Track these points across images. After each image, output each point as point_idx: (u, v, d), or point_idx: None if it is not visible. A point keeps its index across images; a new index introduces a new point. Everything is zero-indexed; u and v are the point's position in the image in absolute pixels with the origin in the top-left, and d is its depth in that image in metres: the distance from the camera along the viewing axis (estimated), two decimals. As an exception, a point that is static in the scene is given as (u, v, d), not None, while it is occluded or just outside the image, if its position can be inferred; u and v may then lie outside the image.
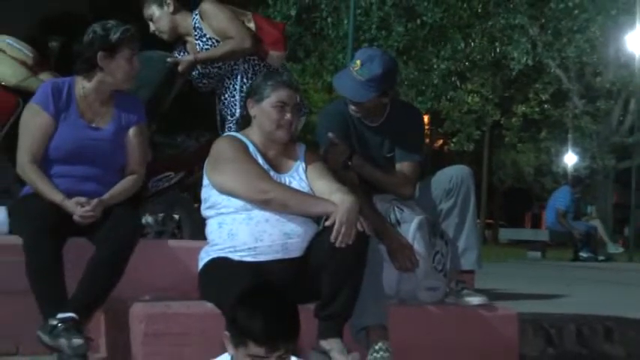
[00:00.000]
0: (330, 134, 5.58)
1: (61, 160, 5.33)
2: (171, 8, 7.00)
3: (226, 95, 6.88)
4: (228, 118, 6.96)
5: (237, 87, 6.74)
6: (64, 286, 4.89)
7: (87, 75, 5.43)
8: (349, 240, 4.71)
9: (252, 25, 7.02)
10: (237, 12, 7.10)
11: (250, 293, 3.81)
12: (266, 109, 5.14)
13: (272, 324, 3.60)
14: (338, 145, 5.58)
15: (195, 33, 6.96)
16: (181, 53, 7.13)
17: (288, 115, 5.11)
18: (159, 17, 7.01)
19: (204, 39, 6.95)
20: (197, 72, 6.94)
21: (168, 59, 6.78)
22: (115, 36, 5.36)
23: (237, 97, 6.79)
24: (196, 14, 6.92)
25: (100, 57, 5.34)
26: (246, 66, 6.78)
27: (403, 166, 5.82)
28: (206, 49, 6.94)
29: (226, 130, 6.68)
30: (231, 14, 6.92)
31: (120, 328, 5.14)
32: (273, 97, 5.12)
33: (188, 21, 6.98)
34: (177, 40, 7.16)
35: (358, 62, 5.64)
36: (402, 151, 5.82)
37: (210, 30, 6.88)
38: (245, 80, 6.69)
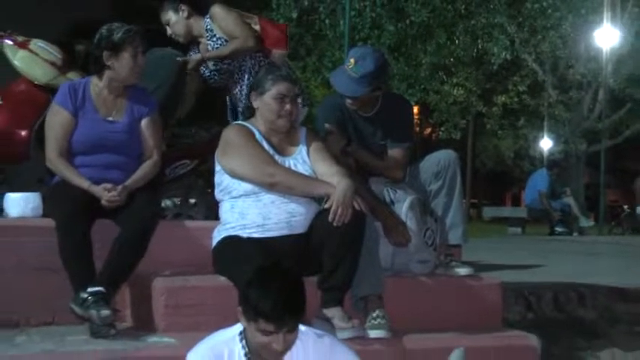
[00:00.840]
0: (326, 125, 5.59)
1: (84, 151, 5.34)
2: (186, 14, 7.00)
3: (236, 89, 6.88)
4: (239, 110, 6.96)
5: (245, 82, 6.72)
6: (92, 263, 4.90)
7: (99, 74, 5.45)
8: (345, 219, 4.71)
9: (257, 27, 7.00)
10: (243, 15, 7.10)
11: (261, 274, 3.81)
12: (267, 101, 5.15)
13: (281, 304, 3.64)
14: (334, 133, 5.59)
15: (207, 34, 6.95)
16: (194, 53, 7.13)
17: (287, 106, 5.12)
18: (175, 22, 7.01)
19: (215, 39, 6.93)
20: (208, 70, 6.93)
21: (178, 58, 6.77)
22: (117, 36, 5.38)
23: (245, 91, 6.78)
24: (208, 17, 6.92)
25: (105, 56, 5.37)
26: (252, 62, 6.75)
27: (394, 152, 5.80)
28: (216, 48, 6.94)
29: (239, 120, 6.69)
30: (238, 16, 6.91)
31: (143, 300, 5.16)
32: (273, 90, 5.13)
33: (200, 24, 6.97)
34: (192, 42, 7.15)
35: (352, 60, 5.63)
36: (393, 138, 5.80)
37: (220, 30, 6.87)
38: (252, 75, 6.67)
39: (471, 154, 34.53)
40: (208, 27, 6.94)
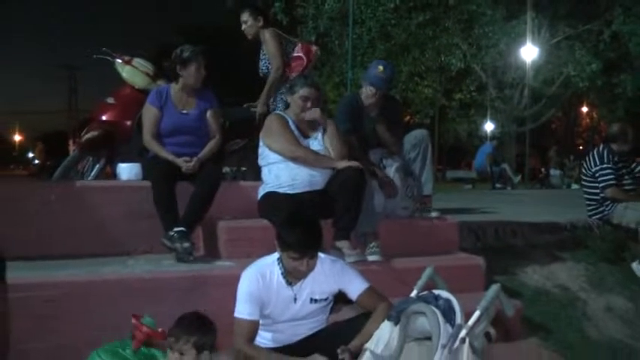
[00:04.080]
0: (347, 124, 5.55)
1: (168, 134, 5.33)
2: (260, 23, 6.82)
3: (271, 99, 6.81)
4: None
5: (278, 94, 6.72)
6: (177, 211, 4.90)
7: (176, 80, 5.43)
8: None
9: (297, 48, 6.82)
10: (287, 40, 6.91)
11: (290, 218, 3.89)
12: (296, 100, 5.10)
13: (303, 239, 3.71)
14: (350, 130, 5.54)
15: (263, 48, 6.85)
16: (263, 57, 6.94)
17: (309, 104, 5.06)
18: (250, 25, 6.83)
19: (263, 55, 6.85)
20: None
21: (252, 109, 6.70)
22: (185, 54, 5.37)
23: (277, 99, 6.76)
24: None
25: (178, 68, 5.38)
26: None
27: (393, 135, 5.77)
28: (264, 64, 6.84)
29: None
30: (278, 46, 6.70)
31: (211, 236, 5.16)
32: (301, 92, 5.08)
33: (265, 35, 6.77)
34: (256, 42, 6.94)
35: (381, 67, 5.68)
36: (391, 128, 5.73)
37: (267, 51, 6.76)
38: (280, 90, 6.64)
39: (437, 134, 34.37)
40: (263, 44, 6.84)
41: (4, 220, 3.35)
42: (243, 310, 3.76)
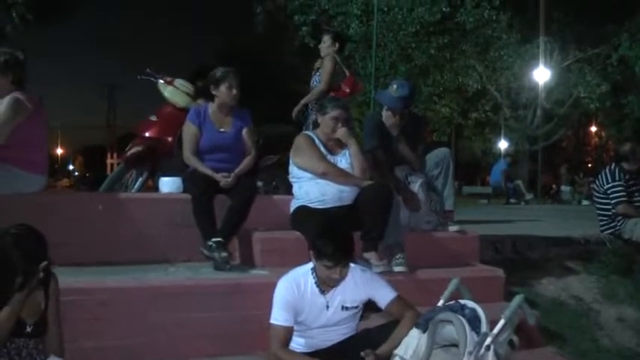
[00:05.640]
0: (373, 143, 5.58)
1: (207, 151, 5.32)
2: (335, 48, 7.32)
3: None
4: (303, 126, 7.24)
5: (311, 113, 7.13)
6: (215, 222, 4.91)
7: (212, 100, 5.46)
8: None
9: (346, 79, 7.38)
10: (342, 69, 7.42)
11: (325, 230, 3.90)
12: (327, 120, 5.11)
13: (337, 249, 3.72)
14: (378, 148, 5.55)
15: (319, 64, 7.38)
16: (317, 74, 7.43)
17: (339, 125, 5.07)
18: (327, 46, 7.38)
19: (318, 71, 7.40)
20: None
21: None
22: (217, 74, 5.38)
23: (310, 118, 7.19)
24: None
25: (211, 88, 5.40)
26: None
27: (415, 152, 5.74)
28: (317, 77, 7.38)
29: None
30: (332, 72, 7.19)
31: (247, 246, 5.16)
32: (331, 113, 5.09)
33: (327, 58, 7.29)
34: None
35: (395, 86, 5.60)
36: (412, 145, 5.72)
37: (322, 70, 7.25)
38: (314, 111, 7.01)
39: (454, 151, 34.29)
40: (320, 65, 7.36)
41: (56, 228, 3.40)
42: (278, 316, 3.78)
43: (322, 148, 5.09)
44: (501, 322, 3.27)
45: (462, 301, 3.51)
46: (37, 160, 4.87)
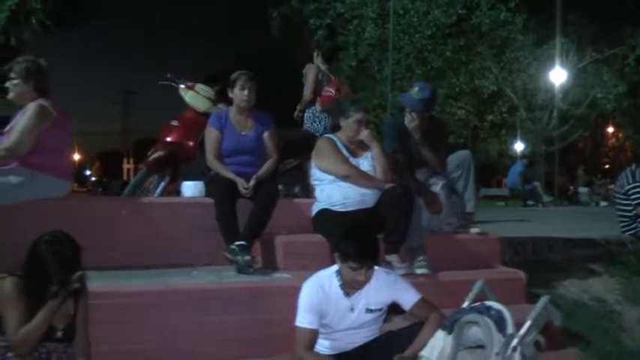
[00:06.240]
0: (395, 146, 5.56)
1: (229, 154, 5.34)
2: (317, 59, 7.91)
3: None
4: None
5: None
6: (237, 226, 4.92)
7: (232, 103, 5.49)
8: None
9: (331, 83, 7.76)
10: (326, 75, 7.84)
11: (350, 232, 3.89)
12: (350, 124, 5.12)
13: (362, 250, 3.72)
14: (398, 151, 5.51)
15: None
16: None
17: (362, 128, 5.09)
18: (315, 59, 7.92)
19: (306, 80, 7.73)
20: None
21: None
22: (233, 77, 5.43)
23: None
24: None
25: (228, 91, 5.44)
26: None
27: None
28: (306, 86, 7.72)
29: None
30: (313, 81, 7.66)
31: (269, 249, 5.17)
32: (355, 116, 5.11)
33: (309, 68, 7.82)
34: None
35: (416, 88, 5.58)
36: (435, 149, 5.70)
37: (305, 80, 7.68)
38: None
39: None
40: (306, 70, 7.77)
41: (80, 232, 3.44)
42: (304, 319, 3.80)
43: (344, 151, 5.10)
44: (528, 323, 3.27)
45: (488, 303, 3.51)
46: (62, 166, 4.91)
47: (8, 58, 5.16)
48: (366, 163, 5.11)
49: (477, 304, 3.59)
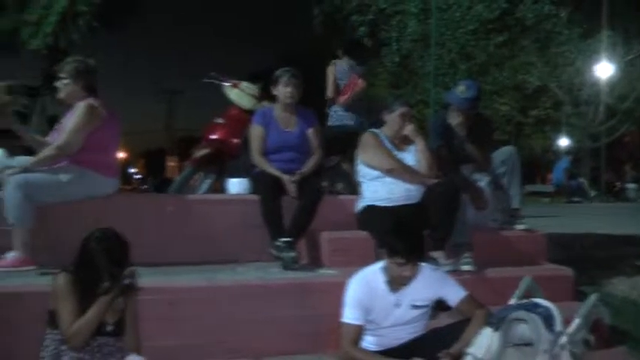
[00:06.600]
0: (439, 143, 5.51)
1: (273, 151, 5.35)
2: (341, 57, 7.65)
3: None
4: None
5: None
6: (282, 222, 4.95)
7: (275, 100, 5.52)
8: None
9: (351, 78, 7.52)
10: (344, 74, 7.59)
11: (396, 228, 3.87)
12: (394, 118, 5.12)
13: (409, 246, 3.69)
14: (443, 146, 5.47)
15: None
16: None
17: (406, 122, 5.08)
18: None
19: None
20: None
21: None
22: (276, 74, 5.43)
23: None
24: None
25: (271, 88, 5.45)
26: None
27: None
28: None
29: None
30: (332, 81, 7.47)
31: (315, 246, 5.20)
32: (398, 110, 5.10)
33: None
34: None
35: (463, 87, 5.55)
36: (480, 146, 5.65)
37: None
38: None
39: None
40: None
41: (128, 229, 3.49)
42: (350, 314, 3.81)
43: (388, 145, 5.11)
44: (577, 321, 3.24)
45: (535, 300, 3.48)
46: (110, 164, 4.99)
47: (58, 60, 5.28)
48: (410, 157, 5.11)
49: (525, 301, 3.56)
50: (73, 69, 4.90)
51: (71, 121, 4.75)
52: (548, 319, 3.27)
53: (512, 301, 3.72)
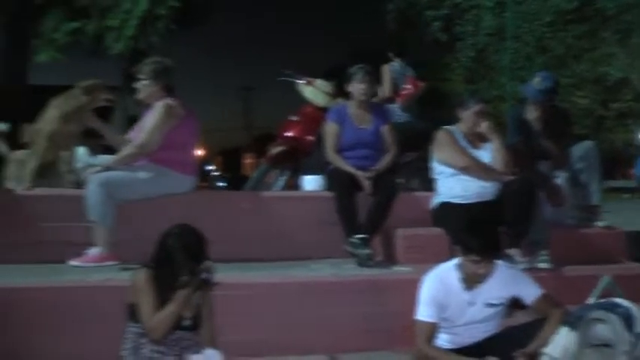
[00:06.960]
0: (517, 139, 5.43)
1: (348, 148, 5.36)
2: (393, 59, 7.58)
3: None
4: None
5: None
6: (357, 219, 4.96)
7: (349, 97, 5.52)
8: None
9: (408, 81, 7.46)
10: (400, 74, 7.52)
11: (472, 225, 3.85)
12: (469, 115, 5.07)
13: (485, 243, 3.68)
14: (521, 141, 5.42)
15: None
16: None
17: (481, 119, 5.03)
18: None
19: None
20: None
21: None
22: (351, 71, 5.44)
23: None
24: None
25: (346, 85, 5.47)
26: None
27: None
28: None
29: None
30: (389, 81, 7.34)
31: (389, 243, 5.20)
32: (474, 108, 5.06)
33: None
34: None
35: (538, 79, 5.48)
36: (556, 140, 5.52)
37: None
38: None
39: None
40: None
41: (205, 226, 3.57)
42: (424, 312, 3.80)
43: (463, 142, 5.07)
44: (658, 322, 3.13)
45: (615, 300, 3.39)
46: (188, 162, 5.10)
47: (137, 62, 5.43)
48: (485, 154, 5.05)
49: (603, 300, 3.47)
50: (152, 70, 5.02)
51: (150, 120, 4.88)
52: (628, 320, 3.19)
53: (591, 301, 3.64)
